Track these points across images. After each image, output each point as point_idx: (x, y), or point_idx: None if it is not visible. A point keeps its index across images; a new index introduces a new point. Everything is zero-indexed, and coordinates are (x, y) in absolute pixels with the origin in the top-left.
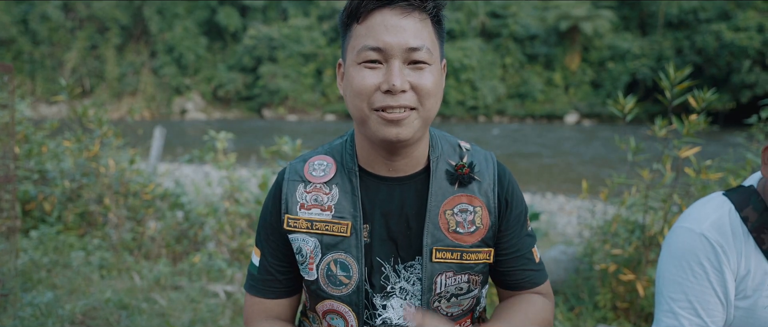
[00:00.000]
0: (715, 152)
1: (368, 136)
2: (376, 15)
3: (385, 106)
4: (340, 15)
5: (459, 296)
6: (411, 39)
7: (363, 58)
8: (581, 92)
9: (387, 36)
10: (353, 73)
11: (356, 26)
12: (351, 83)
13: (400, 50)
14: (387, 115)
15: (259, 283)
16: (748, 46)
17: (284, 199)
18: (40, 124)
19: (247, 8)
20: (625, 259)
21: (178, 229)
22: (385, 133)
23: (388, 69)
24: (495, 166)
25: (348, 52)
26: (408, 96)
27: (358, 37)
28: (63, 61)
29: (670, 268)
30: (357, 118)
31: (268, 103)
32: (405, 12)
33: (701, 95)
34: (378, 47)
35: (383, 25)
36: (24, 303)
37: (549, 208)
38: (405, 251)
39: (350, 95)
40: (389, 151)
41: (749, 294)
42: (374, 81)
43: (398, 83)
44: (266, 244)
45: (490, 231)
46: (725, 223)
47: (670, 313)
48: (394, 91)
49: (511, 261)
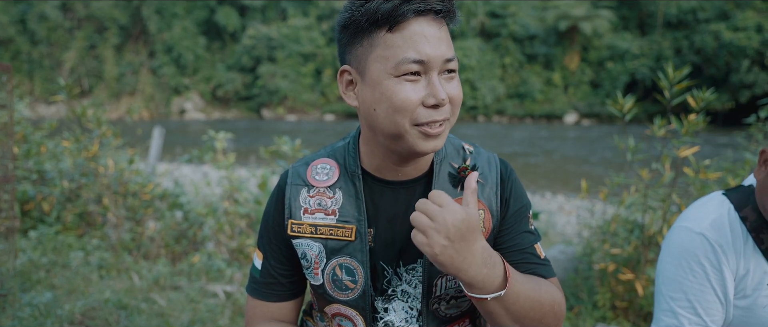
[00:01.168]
0: (714, 152)
1: (397, 148)
2: (414, 24)
3: (431, 121)
4: (353, 18)
5: (459, 298)
6: (446, 50)
7: (405, 70)
8: (580, 92)
9: (429, 48)
10: (392, 87)
11: (386, 35)
12: (390, 98)
13: (439, 62)
14: (430, 131)
15: (261, 286)
16: (747, 46)
17: (287, 204)
18: (39, 124)
19: (246, 8)
20: (624, 259)
21: (178, 229)
22: (423, 147)
23: (429, 82)
24: (498, 169)
25: (373, 62)
26: (446, 108)
27: (393, 47)
28: (61, 60)
29: (670, 267)
30: (391, 132)
31: (267, 103)
32: (440, 22)
33: (700, 95)
34: (421, 60)
35: (423, 36)
36: (23, 303)
37: (548, 207)
38: (407, 254)
39: (387, 110)
40: (406, 160)
41: (748, 293)
42: (417, 96)
43: (445, 97)
44: (268, 247)
45: (492, 235)
46: (724, 223)
47: (670, 312)
48: (443, 104)
49: (511, 256)
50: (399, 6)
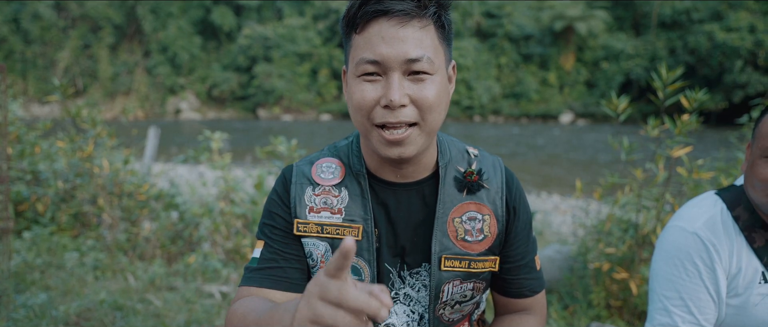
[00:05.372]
0: (708, 152)
1: (373, 150)
2: (374, 25)
3: (385, 122)
4: (340, 22)
5: (462, 303)
6: (410, 49)
7: (361, 71)
8: (576, 92)
9: (384, 47)
10: (353, 86)
11: (355, 36)
12: (351, 96)
13: (398, 62)
14: (387, 136)
15: (257, 273)
16: (740, 47)
17: (293, 202)
18: (33, 124)
19: (242, 7)
20: (619, 258)
21: (173, 230)
22: (387, 152)
23: (386, 82)
24: (502, 173)
25: (349, 62)
26: (408, 111)
27: (357, 47)
28: (55, 60)
29: (663, 266)
30: (361, 131)
31: (263, 102)
32: (403, 21)
33: (693, 96)
34: (375, 60)
35: (380, 36)
36: (17, 304)
37: (544, 207)
38: (411, 258)
39: (351, 109)
40: (395, 162)
41: (740, 292)
42: (374, 95)
43: (396, 98)
44: (271, 235)
45: (497, 239)
46: (717, 222)
47: (663, 311)
48: (393, 106)
49: (516, 270)
50: (359, 8)
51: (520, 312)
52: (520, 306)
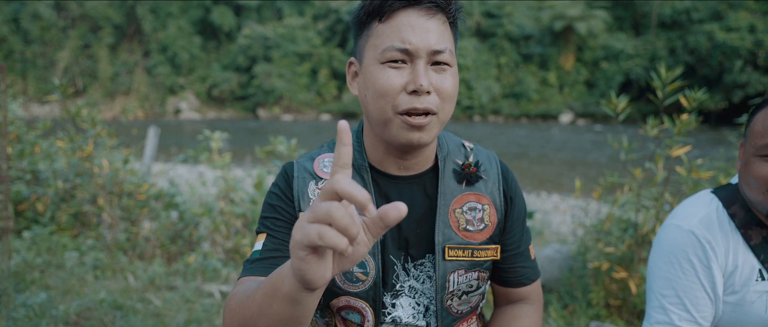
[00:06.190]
0: (707, 151)
1: (387, 138)
2: (401, 14)
3: (411, 108)
4: (357, 12)
5: (469, 293)
6: (436, 41)
7: (388, 57)
8: (576, 92)
9: (413, 36)
10: (376, 72)
11: (378, 25)
12: (374, 83)
13: (425, 51)
14: (411, 121)
15: (259, 263)
16: (740, 47)
17: (296, 197)
18: (33, 123)
19: (242, 7)
20: (618, 257)
21: (173, 230)
22: (408, 137)
23: (414, 69)
24: (498, 165)
25: (367, 51)
26: (431, 98)
27: (381, 36)
28: (55, 60)
29: (660, 264)
30: (379, 120)
31: (262, 102)
32: (430, 13)
33: (692, 95)
34: (405, 48)
35: (409, 25)
36: (17, 304)
37: (544, 207)
38: (415, 250)
39: (373, 96)
40: (404, 152)
41: (737, 289)
42: (400, 81)
43: (425, 83)
44: (275, 227)
45: (497, 228)
46: (713, 220)
47: (660, 309)
48: (421, 91)
49: (512, 258)
50: None
51: (519, 302)
52: (518, 295)
